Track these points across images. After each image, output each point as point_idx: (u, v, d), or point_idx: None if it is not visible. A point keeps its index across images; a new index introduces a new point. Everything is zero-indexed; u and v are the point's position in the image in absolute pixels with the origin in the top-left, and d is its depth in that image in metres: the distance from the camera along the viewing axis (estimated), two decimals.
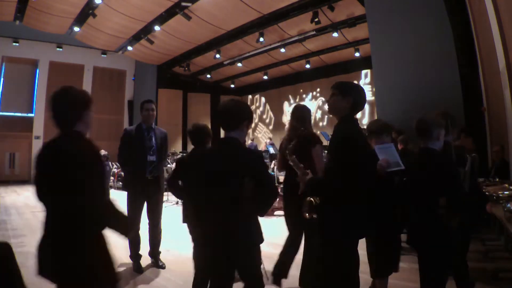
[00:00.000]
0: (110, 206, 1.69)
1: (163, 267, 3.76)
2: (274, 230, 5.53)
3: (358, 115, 10.25)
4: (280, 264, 3.09)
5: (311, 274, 2.82)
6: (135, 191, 3.61)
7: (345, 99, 2.07)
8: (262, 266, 2.87)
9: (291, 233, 3.13)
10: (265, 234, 1.96)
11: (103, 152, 9.34)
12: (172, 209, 8.06)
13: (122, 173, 11.12)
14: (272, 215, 6.82)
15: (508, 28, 4.20)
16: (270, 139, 14.45)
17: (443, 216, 2.03)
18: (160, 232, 3.87)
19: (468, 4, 5.78)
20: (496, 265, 3.46)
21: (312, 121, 16.13)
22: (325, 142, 11.45)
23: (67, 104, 1.71)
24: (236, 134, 1.90)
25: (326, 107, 11.14)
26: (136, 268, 3.60)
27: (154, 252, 3.84)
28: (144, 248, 3.75)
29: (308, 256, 2.95)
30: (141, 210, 3.67)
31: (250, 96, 19.67)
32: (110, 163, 10.65)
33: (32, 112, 16.15)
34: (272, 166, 9.00)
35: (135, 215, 3.62)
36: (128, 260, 3.73)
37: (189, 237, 2.97)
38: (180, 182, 2.94)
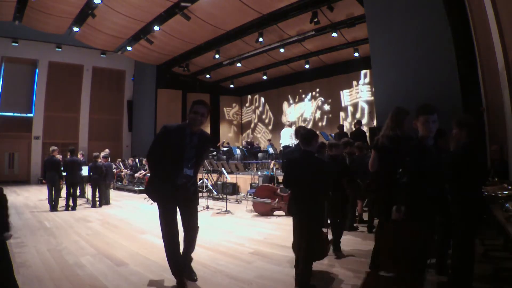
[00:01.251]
0: None
1: (194, 278, 3.21)
2: (274, 230, 5.54)
3: (358, 115, 10.25)
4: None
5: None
6: (164, 196, 3.04)
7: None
8: None
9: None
10: (264, 234, 1.96)
11: (104, 152, 9.35)
12: None
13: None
14: (272, 215, 6.82)
15: (507, 29, 4.21)
16: (270, 140, 14.55)
17: None
18: (195, 239, 3.27)
19: (467, 5, 5.79)
20: (496, 265, 3.47)
21: (311, 121, 16.12)
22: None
23: None
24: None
25: (325, 107, 11.25)
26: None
27: (186, 261, 3.27)
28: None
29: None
30: (176, 216, 3.13)
31: (249, 96, 19.68)
32: (114, 163, 10.66)
33: (31, 112, 16.14)
34: (271, 166, 9.01)
35: (172, 223, 3.09)
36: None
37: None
38: None
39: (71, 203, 7.88)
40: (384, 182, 3.15)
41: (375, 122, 9.31)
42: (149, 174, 3.36)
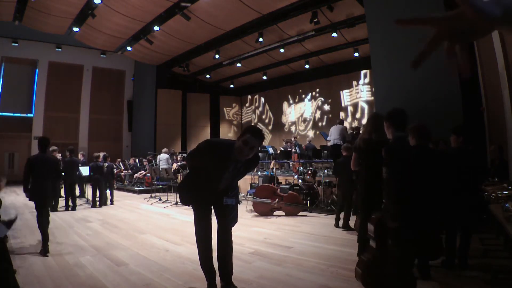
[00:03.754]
0: None
1: None
2: (274, 230, 5.54)
3: (358, 115, 10.30)
4: None
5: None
6: (198, 200, 2.85)
7: None
8: None
9: None
10: (264, 234, 1.96)
11: (102, 153, 9.36)
12: (172, 209, 8.06)
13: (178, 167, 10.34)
14: (272, 215, 6.82)
15: None
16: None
17: None
18: (228, 241, 2.92)
19: None
20: (496, 265, 3.47)
21: (311, 121, 16.05)
22: (324, 142, 11.42)
23: None
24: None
25: (325, 107, 11.25)
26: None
27: (225, 272, 2.89)
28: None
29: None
30: (210, 219, 2.89)
31: (249, 96, 19.68)
32: (114, 163, 10.62)
33: (31, 113, 16.14)
34: (271, 166, 9.00)
35: (205, 225, 2.85)
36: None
37: (188, 238, 2.97)
38: None
39: (70, 203, 7.88)
40: (361, 180, 3.40)
41: None
42: (185, 172, 3.25)
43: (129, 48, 13.87)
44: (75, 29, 12.23)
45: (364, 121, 12.89)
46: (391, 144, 2.75)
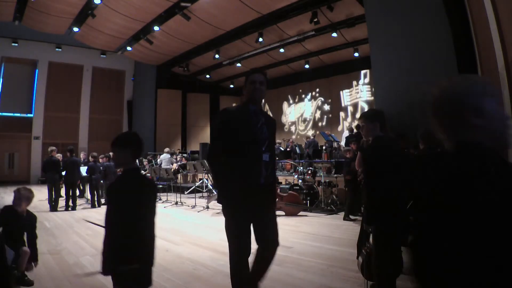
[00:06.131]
0: None
1: None
2: None
3: (358, 115, 10.35)
4: None
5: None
6: (241, 203, 2.34)
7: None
8: None
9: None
10: None
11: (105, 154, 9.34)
12: (172, 209, 8.06)
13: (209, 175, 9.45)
14: None
15: (506, 28, 4.21)
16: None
17: None
18: (271, 261, 2.65)
19: (467, 5, 5.79)
20: None
21: (311, 121, 16.03)
22: (324, 142, 11.37)
23: None
24: None
25: (325, 107, 11.24)
26: None
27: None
28: None
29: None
30: (250, 227, 2.49)
31: None
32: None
33: (31, 113, 16.14)
34: None
35: (246, 239, 2.47)
36: None
37: (188, 238, 2.96)
38: None
39: (70, 203, 7.88)
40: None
41: None
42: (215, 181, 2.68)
43: (129, 48, 13.88)
44: (75, 29, 12.23)
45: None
46: (377, 144, 2.64)
